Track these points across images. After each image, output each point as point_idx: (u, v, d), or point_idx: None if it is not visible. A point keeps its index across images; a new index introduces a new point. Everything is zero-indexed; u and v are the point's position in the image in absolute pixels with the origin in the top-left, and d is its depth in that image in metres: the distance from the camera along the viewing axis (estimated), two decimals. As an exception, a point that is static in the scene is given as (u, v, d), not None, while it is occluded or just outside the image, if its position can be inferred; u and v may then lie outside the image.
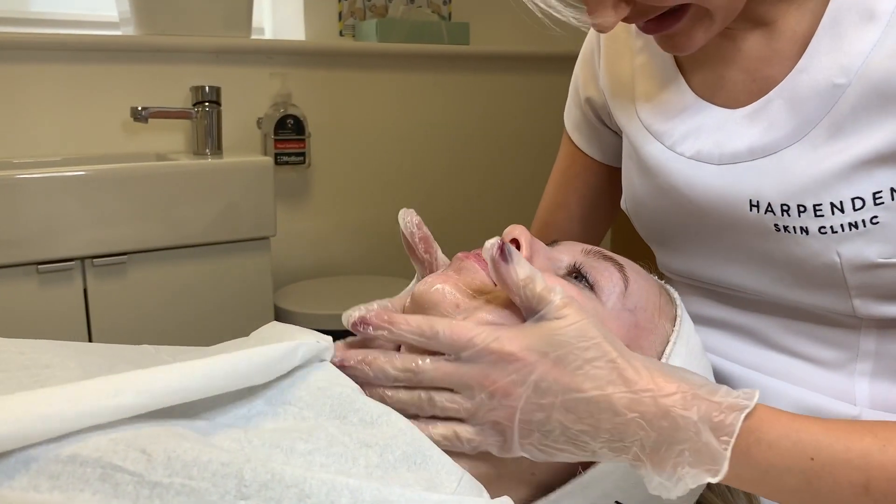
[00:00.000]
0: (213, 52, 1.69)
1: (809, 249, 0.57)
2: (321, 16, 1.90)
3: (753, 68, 0.61)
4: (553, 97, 2.22)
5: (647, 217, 0.70)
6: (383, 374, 0.49)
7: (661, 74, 0.67)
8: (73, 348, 0.51)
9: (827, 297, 0.59)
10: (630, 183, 0.71)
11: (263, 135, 1.76)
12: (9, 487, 0.35)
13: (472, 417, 0.47)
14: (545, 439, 0.47)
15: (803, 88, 0.57)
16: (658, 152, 0.65)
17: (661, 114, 0.66)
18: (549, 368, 0.46)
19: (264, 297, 1.46)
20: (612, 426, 0.45)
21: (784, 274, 0.61)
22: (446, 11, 2.07)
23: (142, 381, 0.40)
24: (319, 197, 1.90)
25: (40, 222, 1.22)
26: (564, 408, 0.46)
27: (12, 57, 1.51)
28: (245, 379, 0.45)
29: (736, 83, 0.62)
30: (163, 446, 0.37)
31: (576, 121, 0.82)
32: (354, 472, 0.42)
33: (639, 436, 0.45)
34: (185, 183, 1.35)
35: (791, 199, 0.57)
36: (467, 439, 0.47)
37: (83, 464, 0.36)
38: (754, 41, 0.61)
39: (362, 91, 1.91)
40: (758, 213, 0.59)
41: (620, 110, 0.71)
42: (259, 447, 0.42)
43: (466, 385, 0.47)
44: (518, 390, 0.46)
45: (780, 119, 0.58)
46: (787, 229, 0.58)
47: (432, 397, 0.48)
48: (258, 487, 0.37)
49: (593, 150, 0.81)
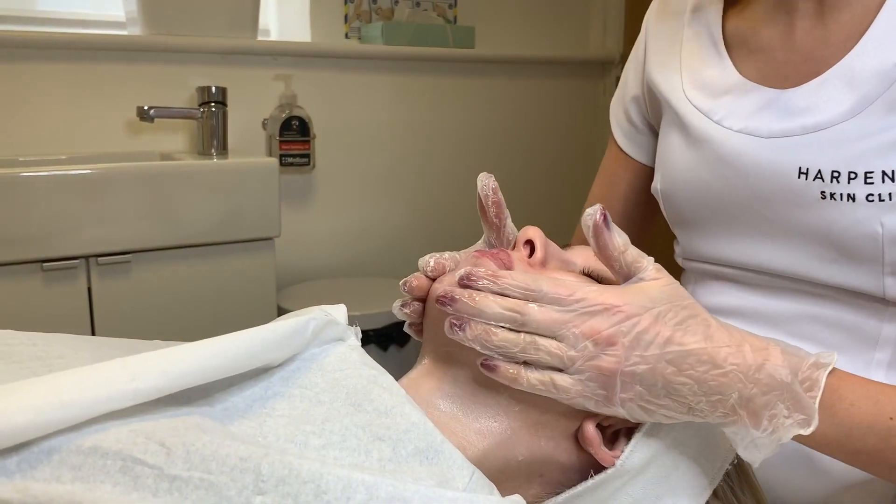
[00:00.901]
0: (219, 52, 1.69)
1: (853, 218, 0.59)
2: (327, 18, 1.91)
3: (807, 49, 0.63)
4: (558, 101, 2.23)
5: (685, 195, 0.71)
6: (490, 309, 0.48)
7: (708, 58, 0.69)
8: (85, 340, 0.51)
9: (860, 274, 0.60)
10: (670, 160, 0.72)
11: (268, 136, 1.76)
12: (32, 478, 0.35)
13: (572, 367, 0.47)
14: (647, 394, 0.47)
15: (863, 69, 0.59)
16: (705, 125, 0.67)
17: (709, 94, 0.68)
18: (652, 322, 0.47)
19: (268, 298, 1.46)
20: (713, 379, 0.47)
21: (821, 249, 0.62)
22: (452, 15, 2.07)
23: (157, 364, 0.40)
24: (324, 198, 1.90)
25: (45, 220, 1.22)
26: (666, 360, 0.47)
27: (19, 56, 1.51)
28: (259, 358, 0.45)
29: (787, 64, 0.64)
30: (182, 439, 0.37)
31: (618, 120, 0.84)
32: (367, 465, 0.42)
33: (736, 388, 0.47)
34: (190, 183, 1.35)
35: (842, 166, 0.59)
36: (564, 387, 0.47)
37: (104, 456, 0.36)
38: (809, 23, 0.63)
39: (367, 93, 1.91)
40: (806, 180, 0.60)
41: (667, 90, 0.73)
42: (273, 442, 0.42)
43: (570, 334, 0.47)
44: (622, 340, 0.46)
45: (836, 97, 0.60)
46: (833, 196, 0.59)
47: (536, 340, 0.48)
48: (275, 482, 0.37)
49: (634, 151, 0.83)
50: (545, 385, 0.47)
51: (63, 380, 0.37)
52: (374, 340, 1.55)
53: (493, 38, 2.12)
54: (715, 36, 0.70)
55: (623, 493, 0.52)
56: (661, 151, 0.74)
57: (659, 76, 0.75)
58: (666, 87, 0.73)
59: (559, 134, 2.22)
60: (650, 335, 0.47)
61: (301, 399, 0.46)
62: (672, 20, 0.75)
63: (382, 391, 0.48)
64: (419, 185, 2.02)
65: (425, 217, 2.03)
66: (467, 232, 2.09)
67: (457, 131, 2.06)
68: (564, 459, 0.52)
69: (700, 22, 0.72)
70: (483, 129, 2.10)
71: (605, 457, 0.51)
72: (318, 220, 1.90)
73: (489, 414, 0.51)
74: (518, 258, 0.55)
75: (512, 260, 0.55)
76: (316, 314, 0.51)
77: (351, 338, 0.55)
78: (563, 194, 2.25)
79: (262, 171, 1.43)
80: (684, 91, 0.71)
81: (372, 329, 1.54)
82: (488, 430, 0.50)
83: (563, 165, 2.26)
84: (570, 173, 2.26)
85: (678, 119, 0.71)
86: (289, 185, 1.82)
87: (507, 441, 0.51)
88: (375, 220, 1.97)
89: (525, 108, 2.16)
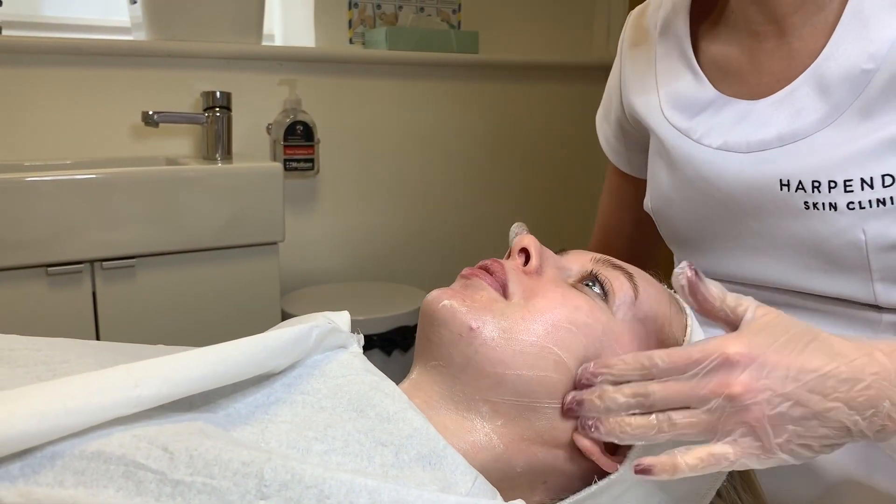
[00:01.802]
0: (224, 57, 1.70)
1: (836, 226, 0.59)
2: (331, 23, 1.91)
3: (777, 66, 0.64)
4: (561, 106, 2.23)
5: (673, 214, 0.71)
6: (615, 403, 0.48)
7: (682, 76, 0.69)
8: (90, 345, 0.51)
9: (849, 283, 0.60)
10: (657, 180, 0.72)
11: (273, 141, 1.76)
12: (35, 483, 0.35)
13: (714, 430, 0.46)
14: (802, 431, 0.45)
15: (831, 75, 0.59)
16: (686, 145, 0.67)
17: (686, 111, 0.68)
18: (779, 357, 0.45)
19: (272, 302, 1.46)
20: (859, 395, 0.45)
21: (809, 259, 0.62)
22: (456, 20, 2.08)
23: (161, 370, 0.40)
24: (327, 203, 1.90)
25: (50, 225, 1.22)
26: (807, 390, 0.45)
27: (24, 61, 1.52)
28: (262, 365, 0.45)
29: (759, 78, 0.65)
30: (185, 444, 0.37)
31: (605, 135, 0.86)
32: (370, 470, 0.42)
33: (886, 397, 0.45)
34: (194, 187, 1.36)
35: (822, 175, 0.59)
36: (723, 454, 0.45)
37: (107, 461, 0.36)
38: (774, 40, 0.64)
39: (371, 98, 1.92)
40: (788, 191, 0.61)
41: (646, 112, 0.73)
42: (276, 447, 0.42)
43: (701, 397, 0.45)
44: (757, 385, 0.45)
45: (808, 105, 0.60)
46: (815, 206, 0.59)
47: (670, 417, 0.46)
48: (278, 487, 0.37)
49: (628, 168, 0.84)
50: (705, 461, 0.46)
51: (67, 386, 0.37)
52: (377, 345, 1.55)
53: (497, 42, 2.12)
54: (686, 53, 0.70)
55: (627, 496, 0.51)
56: (650, 173, 0.75)
57: (637, 99, 0.75)
58: (645, 110, 0.74)
59: (562, 138, 2.22)
60: (781, 370, 0.45)
61: (303, 405, 0.46)
62: (643, 43, 0.76)
63: (385, 397, 0.48)
64: (423, 189, 2.03)
65: (429, 222, 2.03)
66: (471, 236, 2.09)
67: (460, 136, 2.06)
68: (566, 467, 0.52)
69: (670, 42, 0.72)
70: (486, 134, 2.10)
71: (607, 464, 0.51)
72: (322, 224, 1.90)
73: (478, 429, 0.51)
74: (512, 267, 0.55)
75: (505, 270, 0.55)
76: (319, 321, 0.51)
77: (353, 345, 0.54)
78: (566, 198, 2.25)
79: (266, 176, 1.43)
80: (662, 111, 0.71)
81: (375, 334, 1.54)
82: (481, 445, 0.50)
83: (567, 169, 2.26)
84: (573, 177, 2.26)
85: (659, 143, 0.71)
86: (293, 190, 1.82)
87: (503, 455, 0.51)
88: (379, 224, 1.97)
89: (528, 112, 2.16)
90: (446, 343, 0.51)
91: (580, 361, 0.51)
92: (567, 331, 0.51)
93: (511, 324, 0.51)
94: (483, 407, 0.51)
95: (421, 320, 0.54)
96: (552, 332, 0.51)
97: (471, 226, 2.10)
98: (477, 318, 0.51)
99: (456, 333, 0.51)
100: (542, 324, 0.51)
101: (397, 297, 1.70)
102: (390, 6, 1.98)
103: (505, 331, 0.51)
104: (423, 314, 0.54)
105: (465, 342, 0.51)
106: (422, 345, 0.54)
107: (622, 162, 0.85)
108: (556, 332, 0.51)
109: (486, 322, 0.51)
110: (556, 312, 0.52)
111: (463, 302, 0.52)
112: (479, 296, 0.53)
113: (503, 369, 0.50)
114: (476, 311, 0.52)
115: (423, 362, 0.54)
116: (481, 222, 2.11)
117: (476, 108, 2.07)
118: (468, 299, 0.53)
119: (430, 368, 0.53)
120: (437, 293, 0.53)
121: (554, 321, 0.51)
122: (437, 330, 0.52)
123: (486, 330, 0.51)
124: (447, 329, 0.51)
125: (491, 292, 0.53)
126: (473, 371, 0.50)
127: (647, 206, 0.75)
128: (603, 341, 0.52)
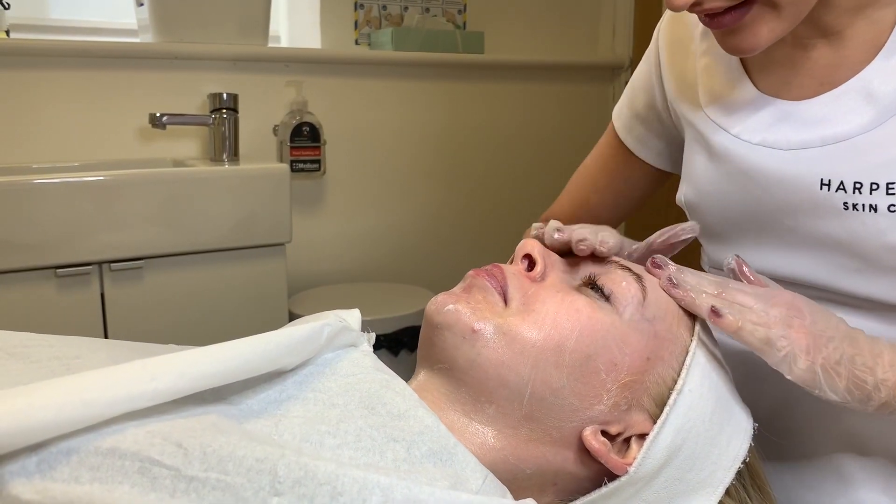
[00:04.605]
0: (230, 59, 1.70)
1: (875, 228, 0.59)
2: (337, 24, 1.92)
3: (822, 73, 0.63)
4: (567, 106, 2.22)
5: (710, 208, 0.71)
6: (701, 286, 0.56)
7: (725, 75, 0.69)
8: (101, 343, 0.51)
9: (884, 285, 0.61)
10: (694, 173, 0.72)
11: (279, 142, 1.77)
12: (51, 479, 0.35)
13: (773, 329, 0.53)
14: (833, 363, 0.53)
15: (880, 84, 0.60)
16: (726, 140, 0.67)
17: (727, 108, 0.68)
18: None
19: (279, 303, 1.46)
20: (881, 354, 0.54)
21: (845, 259, 0.62)
22: (461, 21, 2.08)
23: (176, 365, 0.40)
24: (334, 204, 1.90)
25: (58, 227, 1.22)
26: (842, 336, 0.54)
27: (32, 63, 1.52)
28: (275, 361, 0.45)
29: (802, 86, 0.64)
30: (199, 440, 0.37)
31: (626, 121, 0.85)
32: (382, 465, 0.42)
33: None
34: (201, 189, 1.36)
35: (864, 177, 0.59)
36: (773, 340, 0.53)
37: (122, 457, 0.36)
38: (823, 49, 0.63)
39: (377, 99, 1.92)
40: (828, 191, 0.61)
41: (686, 108, 0.73)
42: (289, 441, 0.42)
43: (762, 309, 0.54)
44: (805, 309, 0.55)
45: (854, 109, 0.61)
46: (855, 207, 0.59)
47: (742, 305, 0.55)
48: (291, 484, 0.37)
49: (641, 151, 0.84)
50: (760, 338, 0.53)
51: (84, 379, 0.37)
52: (385, 345, 1.55)
53: (503, 43, 2.12)
54: (731, 56, 0.70)
55: (638, 497, 0.52)
56: (686, 165, 0.74)
57: (677, 92, 0.75)
58: (685, 103, 0.74)
59: (568, 138, 2.21)
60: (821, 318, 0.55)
61: (315, 402, 0.47)
62: (684, 36, 0.75)
63: (395, 395, 0.48)
64: (429, 189, 2.03)
65: (436, 222, 2.03)
66: (479, 237, 2.09)
67: (466, 136, 2.06)
68: (576, 469, 0.52)
69: (711, 39, 0.72)
70: (492, 134, 2.10)
71: (616, 465, 0.51)
72: (329, 225, 1.91)
73: (485, 431, 0.51)
74: (512, 272, 0.56)
75: (505, 274, 0.55)
76: (330, 320, 0.51)
77: (364, 343, 0.55)
78: (573, 199, 2.24)
79: (273, 177, 1.43)
80: (702, 106, 0.71)
81: (383, 334, 1.54)
82: (489, 446, 0.51)
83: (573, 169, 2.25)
84: (580, 178, 2.26)
85: (699, 135, 0.71)
86: (300, 191, 1.83)
87: (511, 456, 0.51)
88: (386, 225, 1.97)
89: (534, 112, 2.16)
90: (450, 346, 0.52)
91: (581, 362, 0.51)
92: (567, 332, 0.52)
93: (512, 325, 0.52)
94: (489, 408, 0.51)
95: (424, 324, 0.55)
96: (552, 334, 0.51)
97: (478, 226, 2.10)
98: (479, 320, 0.52)
99: (459, 336, 0.52)
100: (541, 325, 0.52)
101: (404, 298, 1.70)
102: (396, 7, 1.98)
103: (506, 332, 0.52)
104: (426, 318, 0.54)
105: (468, 344, 0.51)
106: (425, 348, 0.55)
107: (638, 144, 0.84)
108: (556, 333, 0.51)
109: (488, 324, 0.52)
110: (556, 315, 0.52)
111: (466, 305, 0.53)
112: (482, 298, 0.54)
113: (506, 370, 0.51)
114: (478, 313, 0.52)
115: (429, 365, 0.54)
116: (489, 222, 2.11)
117: (482, 108, 2.07)
118: (471, 301, 0.53)
119: (436, 371, 0.53)
120: (440, 297, 0.54)
121: (554, 323, 0.52)
122: (441, 333, 0.52)
123: (488, 332, 0.52)
124: (451, 332, 0.52)
125: (493, 294, 0.54)
126: (477, 373, 0.51)
127: (679, 199, 0.75)
128: (605, 342, 0.52)
